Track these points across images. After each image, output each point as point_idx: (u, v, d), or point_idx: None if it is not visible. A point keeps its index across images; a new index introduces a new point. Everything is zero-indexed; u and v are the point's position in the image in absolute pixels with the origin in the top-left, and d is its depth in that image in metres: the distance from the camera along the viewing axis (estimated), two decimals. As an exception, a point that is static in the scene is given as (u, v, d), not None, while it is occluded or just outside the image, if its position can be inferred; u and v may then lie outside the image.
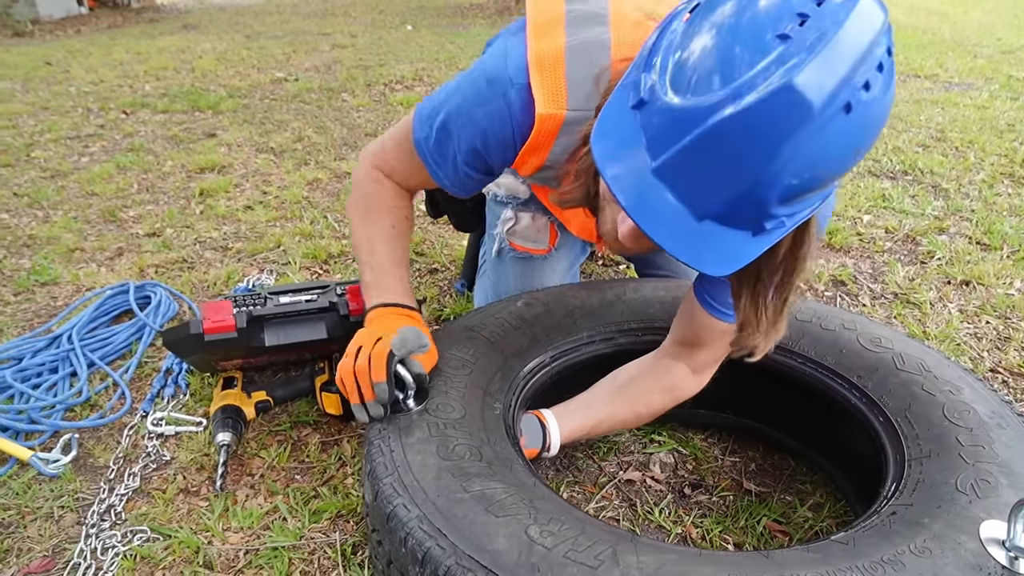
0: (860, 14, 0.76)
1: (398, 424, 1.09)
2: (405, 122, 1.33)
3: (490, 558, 0.86)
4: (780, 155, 0.77)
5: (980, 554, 0.87)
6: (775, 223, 0.85)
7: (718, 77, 0.77)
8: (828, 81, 0.74)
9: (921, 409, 1.18)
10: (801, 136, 0.76)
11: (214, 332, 1.50)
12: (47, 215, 3.02)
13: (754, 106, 0.75)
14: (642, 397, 1.34)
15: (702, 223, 0.84)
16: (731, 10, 0.80)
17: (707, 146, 0.79)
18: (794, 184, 0.80)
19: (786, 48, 0.75)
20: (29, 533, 1.37)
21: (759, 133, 0.77)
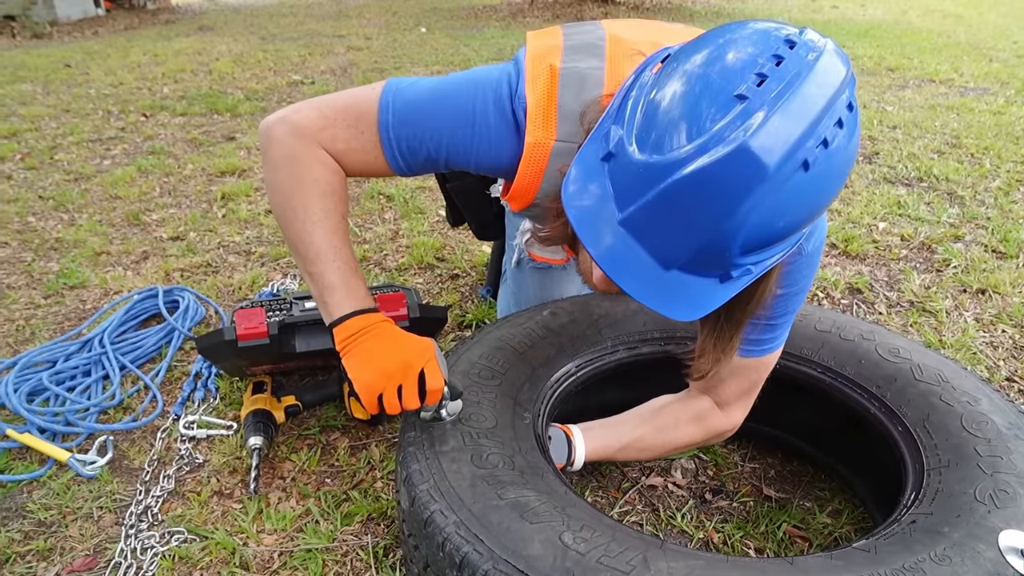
0: (818, 73, 0.79)
1: (432, 433, 1.13)
2: (363, 103, 1.21)
3: (526, 563, 0.90)
4: (738, 212, 0.80)
5: (999, 563, 0.90)
6: (741, 271, 0.88)
7: (679, 135, 0.80)
8: (784, 142, 0.77)
9: (939, 419, 1.21)
10: (758, 194, 0.78)
11: (247, 338, 1.55)
12: (72, 218, 3.08)
13: (710, 167, 0.78)
14: (669, 425, 1.35)
15: (669, 272, 0.87)
16: (695, 66, 0.83)
17: (668, 202, 0.82)
18: (755, 237, 0.83)
19: (743, 108, 0.77)
20: (71, 532, 1.42)
21: (716, 192, 0.79)
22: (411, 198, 3.16)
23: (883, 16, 9.72)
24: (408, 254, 2.61)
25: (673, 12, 10.68)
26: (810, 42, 0.82)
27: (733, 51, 0.82)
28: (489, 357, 1.31)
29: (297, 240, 1.18)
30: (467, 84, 1.19)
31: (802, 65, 0.79)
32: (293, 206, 1.17)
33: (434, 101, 1.19)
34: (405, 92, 1.20)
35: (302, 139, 1.18)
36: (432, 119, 1.18)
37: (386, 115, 1.18)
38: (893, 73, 5.75)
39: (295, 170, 1.18)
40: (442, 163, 1.22)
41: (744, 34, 0.84)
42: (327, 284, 1.17)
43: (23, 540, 1.40)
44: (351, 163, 1.22)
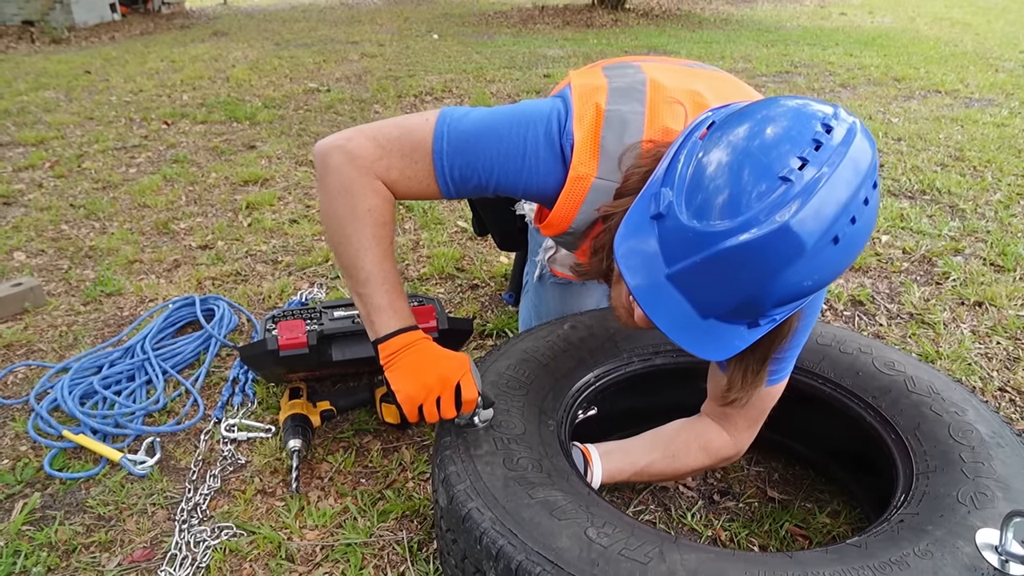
0: (852, 158, 0.90)
1: (467, 439, 1.24)
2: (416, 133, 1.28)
3: (555, 554, 1.01)
4: (776, 280, 0.92)
5: (976, 557, 1.01)
6: (768, 320, 1.01)
7: (726, 208, 0.92)
8: (821, 223, 0.89)
9: (929, 428, 1.32)
10: (795, 266, 0.91)
11: (288, 348, 1.67)
12: (104, 226, 3.21)
13: (755, 241, 0.90)
14: (680, 454, 1.44)
15: (706, 320, 1.00)
16: (741, 140, 0.95)
17: (713, 266, 0.94)
18: (787, 296, 0.96)
19: (787, 190, 0.89)
20: (128, 526, 1.54)
21: (758, 263, 0.92)
22: (430, 208, 3.28)
23: (891, 24, 9.81)
24: (429, 264, 2.73)
25: (683, 19, 10.79)
26: (843, 126, 0.93)
27: (776, 130, 0.93)
28: (516, 368, 1.43)
29: (350, 265, 1.28)
30: (520, 116, 1.29)
31: (837, 151, 0.90)
32: (347, 234, 1.27)
33: (488, 132, 1.27)
34: (460, 122, 1.28)
35: (358, 169, 1.26)
36: (486, 149, 1.26)
37: (440, 143, 1.26)
38: (899, 83, 5.85)
39: (350, 200, 1.26)
40: (491, 189, 1.31)
41: (785, 112, 0.96)
42: (375, 305, 1.28)
43: (85, 533, 1.52)
44: (403, 189, 1.31)
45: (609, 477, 1.40)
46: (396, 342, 1.26)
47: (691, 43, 8.16)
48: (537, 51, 7.70)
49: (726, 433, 1.44)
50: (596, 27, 9.91)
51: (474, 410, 1.25)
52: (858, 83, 5.90)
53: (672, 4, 12.63)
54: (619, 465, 1.41)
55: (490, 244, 2.91)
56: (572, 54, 7.52)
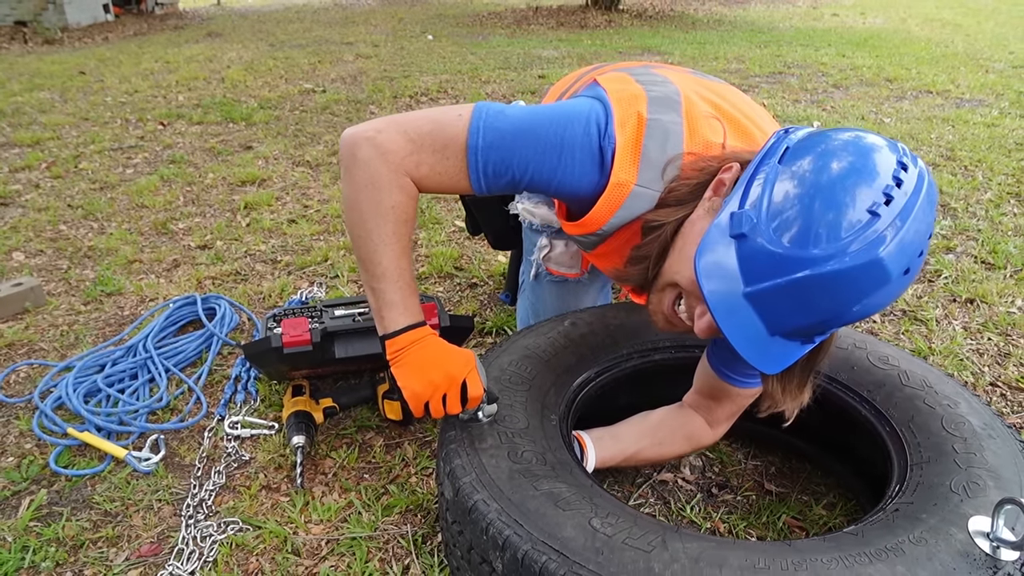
0: (929, 196, 0.98)
1: (471, 433, 1.27)
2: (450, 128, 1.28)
3: (561, 543, 1.04)
4: (855, 307, 1.00)
5: (968, 544, 1.04)
6: (823, 336, 1.09)
7: (816, 237, 0.97)
8: (905, 256, 0.96)
9: (922, 420, 1.36)
10: (875, 295, 0.98)
11: (292, 345, 1.69)
12: (102, 227, 3.22)
13: (846, 271, 0.96)
14: (666, 442, 1.54)
15: (773, 338, 1.06)
16: (825, 167, 1.01)
17: (797, 291, 1.00)
18: (853, 320, 1.03)
19: (876, 224, 0.95)
20: (134, 522, 1.56)
21: (845, 290, 0.98)
22: (428, 208, 3.30)
23: (882, 25, 9.87)
24: (428, 264, 2.76)
25: (676, 20, 10.83)
26: (915, 165, 1.00)
27: (860, 164, 1.00)
28: (518, 364, 1.45)
29: (368, 258, 1.28)
30: (558, 115, 1.29)
31: (914, 188, 0.97)
32: (368, 228, 1.26)
33: (526, 129, 1.27)
34: (496, 119, 1.27)
35: (388, 164, 1.25)
36: (523, 146, 1.26)
37: (476, 138, 1.25)
38: (891, 84, 5.90)
39: (376, 195, 1.25)
40: (523, 186, 1.32)
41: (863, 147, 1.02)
42: (387, 300, 1.28)
43: (92, 528, 1.54)
44: (431, 184, 1.30)
45: (602, 463, 1.47)
46: (404, 338, 1.27)
47: (684, 44, 8.20)
48: (532, 52, 7.73)
49: (707, 424, 1.53)
50: (590, 28, 9.94)
51: (479, 406, 1.28)
52: (850, 84, 5.94)
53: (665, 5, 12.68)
54: (611, 451, 1.49)
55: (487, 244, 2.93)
56: (566, 55, 7.55)
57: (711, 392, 1.49)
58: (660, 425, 1.55)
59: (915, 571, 1.00)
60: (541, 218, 1.84)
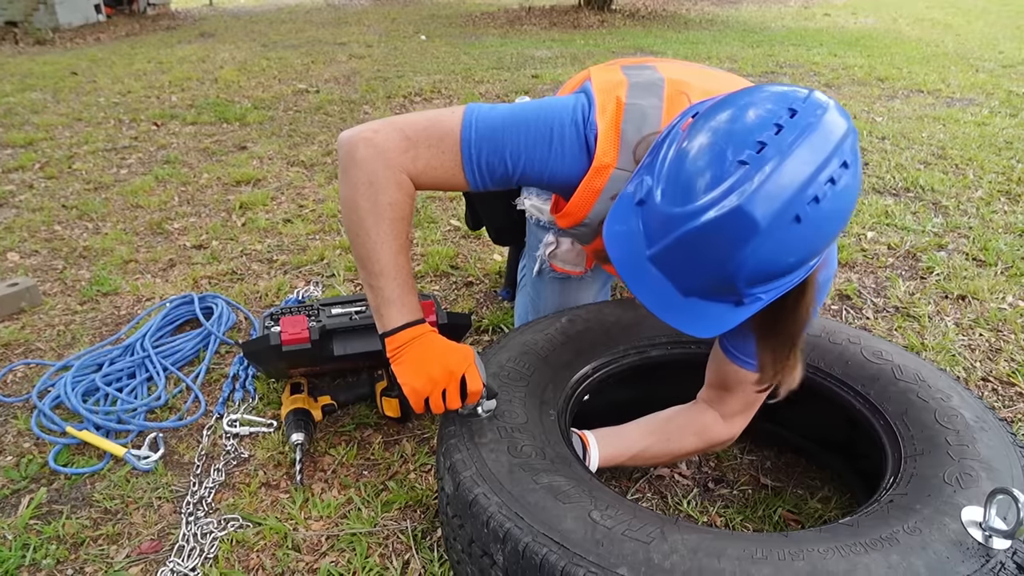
0: (812, 140, 0.94)
1: (471, 428, 1.28)
2: (445, 124, 1.32)
3: (561, 535, 1.05)
4: (736, 259, 0.97)
5: (961, 533, 1.06)
6: (752, 298, 1.04)
7: (692, 192, 0.97)
8: (774, 202, 0.93)
9: (916, 414, 1.37)
10: (752, 245, 0.95)
11: (291, 343, 1.70)
12: (97, 227, 3.22)
13: (712, 222, 0.95)
14: (675, 438, 1.49)
15: (688, 298, 1.06)
16: (711, 128, 1.00)
17: (682, 247, 1.00)
18: (756, 275, 1.00)
19: (744, 173, 0.93)
20: (135, 520, 1.57)
21: (717, 243, 0.97)
22: (423, 207, 3.31)
23: (874, 25, 9.92)
24: (424, 262, 2.76)
25: (669, 20, 10.86)
26: (811, 108, 0.96)
27: (744, 117, 0.98)
28: (516, 360, 1.47)
29: (366, 256, 1.30)
30: (545, 108, 1.34)
31: (798, 133, 0.94)
32: (366, 227, 1.28)
33: (516, 121, 1.32)
34: (488, 113, 1.32)
35: (385, 163, 1.28)
36: (514, 137, 1.30)
37: (469, 132, 1.30)
38: (883, 83, 5.93)
39: (373, 194, 1.27)
40: (516, 178, 1.34)
41: (756, 99, 1.01)
42: (386, 298, 1.30)
43: (93, 526, 1.55)
44: (427, 180, 1.33)
45: (606, 461, 1.44)
46: (403, 335, 1.29)
47: (677, 44, 8.23)
48: (525, 52, 7.74)
49: (720, 418, 1.48)
50: (583, 28, 9.96)
51: (478, 401, 1.29)
52: (842, 83, 5.97)
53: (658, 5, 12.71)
54: (616, 449, 1.46)
55: (483, 241, 2.94)
56: (559, 55, 7.56)
57: (722, 381, 1.46)
58: (669, 421, 1.52)
59: (909, 560, 1.02)
60: (548, 215, 1.85)
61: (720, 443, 1.52)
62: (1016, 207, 3.24)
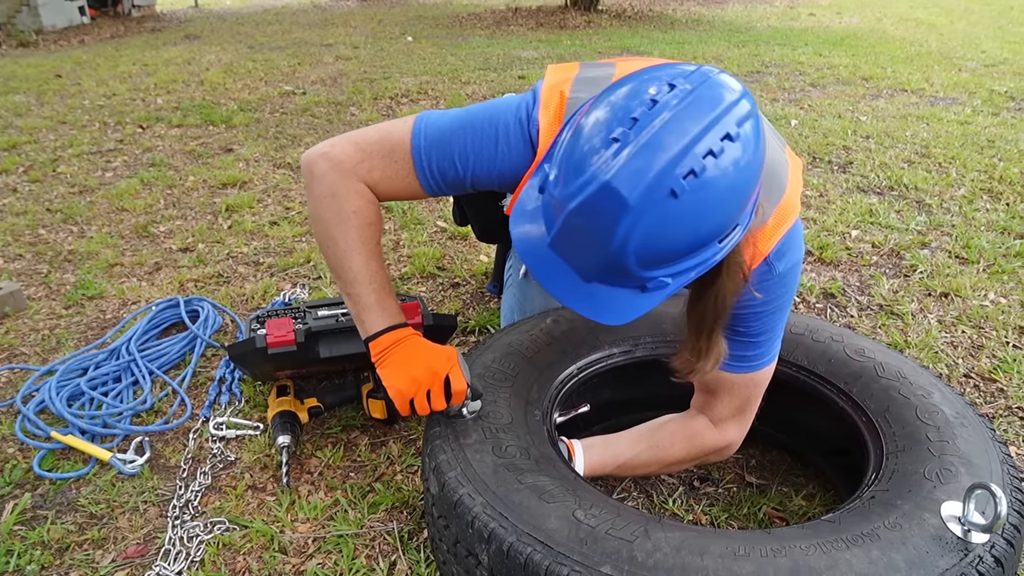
0: (685, 115, 0.91)
1: (456, 428, 1.29)
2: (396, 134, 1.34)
3: (545, 535, 1.06)
4: (615, 237, 0.93)
5: (940, 528, 1.07)
6: (655, 283, 1.01)
7: (573, 173, 0.96)
8: (642, 178, 0.89)
9: (897, 410, 1.39)
10: (627, 222, 0.92)
11: (277, 346, 1.70)
12: (82, 230, 3.20)
13: (585, 201, 0.93)
14: (664, 443, 1.45)
15: (590, 284, 1.04)
16: (598, 108, 0.98)
17: (567, 231, 0.99)
18: (646, 255, 0.96)
19: (615, 150, 0.91)
20: (120, 524, 1.56)
21: (595, 222, 0.94)
22: (410, 209, 3.31)
23: (858, 24, 9.98)
24: (410, 264, 2.77)
25: (655, 20, 10.89)
26: (689, 81, 0.94)
27: (624, 96, 0.96)
28: (501, 361, 1.47)
29: (338, 265, 1.33)
30: (491, 110, 1.34)
31: (672, 106, 0.91)
32: (334, 236, 1.32)
33: (463, 125, 1.32)
34: (436, 121, 1.33)
35: (342, 174, 1.31)
36: (461, 140, 1.31)
37: (419, 140, 1.32)
38: (867, 83, 5.97)
39: (335, 204, 1.31)
40: (469, 181, 1.34)
41: (640, 78, 0.98)
42: (364, 304, 1.32)
43: (78, 531, 1.54)
44: (386, 190, 1.35)
45: (592, 470, 1.43)
46: (386, 339, 1.30)
47: (663, 44, 8.25)
48: (511, 52, 7.74)
49: (710, 423, 1.45)
50: (569, 28, 9.97)
51: (463, 401, 1.30)
52: (827, 82, 6.01)
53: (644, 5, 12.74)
54: (602, 458, 1.44)
55: (470, 242, 2.95)
56: (546, 55, 7.58)
57: (705, 384, 1.43)
58: (658, 428, 1.49)
59: (889, 555, 1.03)
60: None
61: (713, 450, 1.47)
62: (998, 205, 3.27)
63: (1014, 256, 2.74)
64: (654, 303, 1.04)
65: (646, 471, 1.52)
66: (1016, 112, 4.94)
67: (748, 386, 1.40)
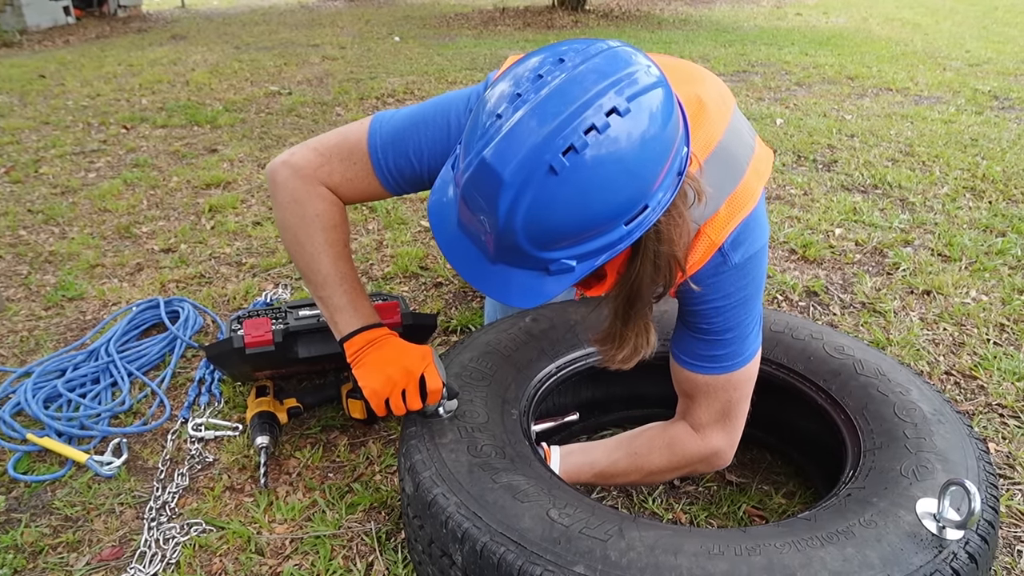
0: (566, 89, 0.88)
1: (432, 428, 1.28)
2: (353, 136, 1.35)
3: (519, 534, 1.05)
4: (500, 215, 0.91)
5: (916, 525, 1.07)
6: (558, 265, 0.97)
7: (466, 150, 0.95)
8: (516, 153, 0.87)
9: (876, 408, 1.39)
10: (506, 198, 0.89)
11: (254, 346, 1.68)
12: (63, 231, 3.18)
13: (470, 177, 0.92)
14: (643, 451, 1.40)
15: (496, 265, 1.00)
16: (497, 85, 0.96)
17: (464, 208, 0.98)
18: (535, 234, 0.93)
19: (494, 126, 0.90)
20: (96, 526, 1.55)
21: (479, 199, 0.93)
22: (393, 209, 3.30)
23: (845, 24, 10.01)
24: (393, 263, 2.75)
25: (642, 20, 10.90)
26: (581, 56, 0.91)
27: (521, 70, 0.94)
28: (479, 360, 1.46)
29: (307, 269, 1.34)
30: (442, 103, 1.34)
31: (553, 81, 0.89)
32: (300, 241, 1.33)
33: (415, 121, 1.32)
34: (391, 119, 1.34)
35: (303, 179, 1.33)
36: (414, 135, 1.31)
37: (375, 139, 1.32)
38: (853, 82, 5.99)
39: (299, 209, 1.32)
40: (426, 175, 1.33)
41: (543, 51, 0.96)
42: (335, 306, 1.33)
43: (52, 534, 1.53)
44: (348, 192, 1.36)
45: (568, 477, 1.38)
46: (360, 339, 1.30)
47: (650, 44, 8.26)
48: (498, 52, 7.73)
49: (691, 429, 1.39)
50: (556, 28, 9.98)
51: (439, 401, 1.29)
52: (813, 82, 6.03)
53: (631, 5, 12.75)
54: (579, 465, 1.40)
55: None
56: (533, 55, 7.56)
57: (683, 389, 1.39)
58: (637, 436, 1.44)
59: (864, 553, 1.02)
60: None
61: (699, 459, 1.40)
62: (980, 203, 3.29)
63: (996, 254, 2.76)
64: (562, 287, 1.00)
65: (626, 480, 1.46)
66: (999, 111, 4.97)
67: (726, 388, 1.33)
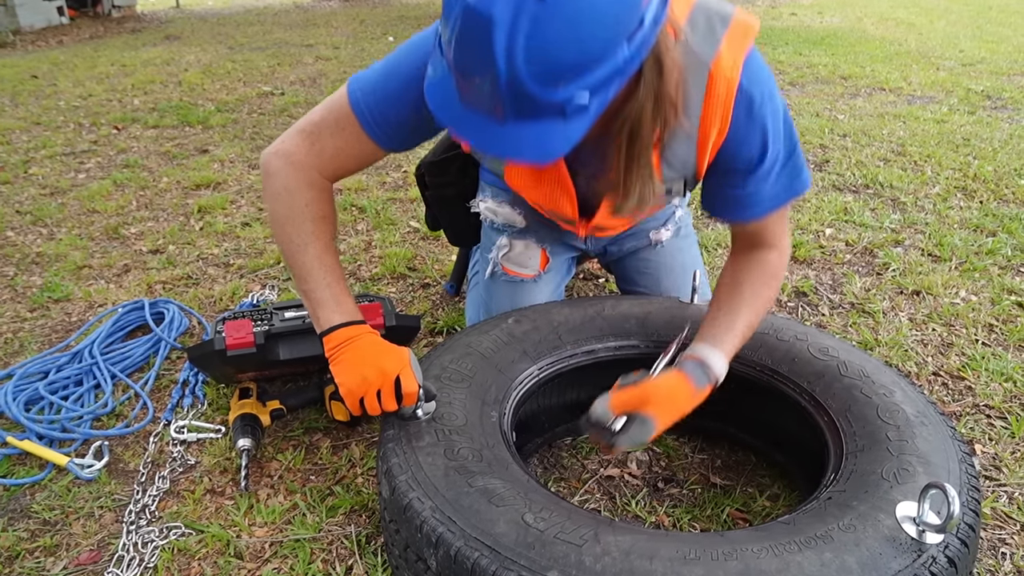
0: None
1: (409, 431, 1.26)
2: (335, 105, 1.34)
3: (493, 539, 1.04)
4: (498, 59, 0.88)
5: (895, 529, 1.06)
6: (572, 105, 0.94)
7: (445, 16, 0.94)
8: None
9: (859, 410, 1.38)
10: (501, 37, 0.87)
11: (236, 348, 1.67)
12: (51, 232, 3.16)
13: (459, 35, 0.90)
14: (760, 297, 1.39)
15: (506, 125, 0.97)
16: None
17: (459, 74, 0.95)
18: (541, 71, 0.90)
19: None
20: (74, 530, 1.53)
21: (474, 53, 0.90)
22: (383, 209, 3.29)
23: (839, 24, 10.01)
24: (381, 264, 2.74)
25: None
26: None
27: None
28: (459, 361, 1.45)
29: (292, 260, 1.33)
30: (411, 47, 1.31)
31: None
32: (288, 232, 1.33)
33: (390, 71, 1.31)
34: (367, 75, 1.33)
35: (294, 166, 1.33)
36: (393, 82, 1.29)
37: (356, 96, 1.31)
38: (846, 81, 5.99)
39: (289, 199, 1.32)
40: (414, 118, 1.30)
41: None
42: (317, 299, 1.32)
43: (30, 538, 1.51)
44: (341, 164, 1.36)
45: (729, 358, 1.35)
46: (339, 335, 1.29)
47: (645, 44, 8.24)
48: (493, 53, 7.71)
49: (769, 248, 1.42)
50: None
51: (416, 403, 1.28)
52: (806, 81, 6.02)
53: (627, 5, 12.73)
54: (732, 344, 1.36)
55: (441, 243, 2.92)
56: (527, 55, 7.55)
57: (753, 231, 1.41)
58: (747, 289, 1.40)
59: (842, 557, 1.01)
60: (503, 217, 1.85)
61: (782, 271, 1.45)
62: (971, 203, 3.28)
63: (986, 254, 2.75)
64: (580, 130, 0.98)
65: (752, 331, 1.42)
66: (992, 111, 4.97)
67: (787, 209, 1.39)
